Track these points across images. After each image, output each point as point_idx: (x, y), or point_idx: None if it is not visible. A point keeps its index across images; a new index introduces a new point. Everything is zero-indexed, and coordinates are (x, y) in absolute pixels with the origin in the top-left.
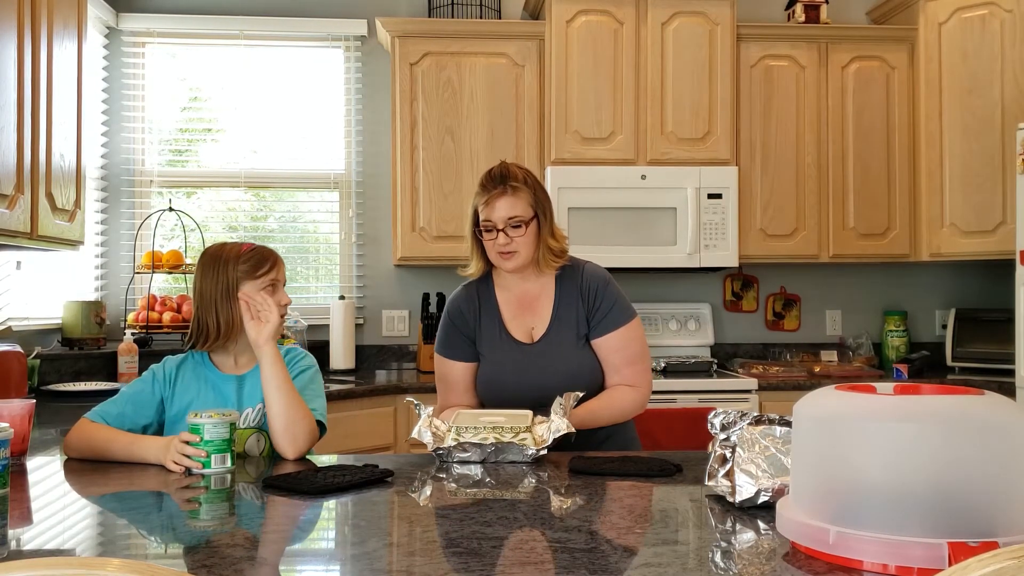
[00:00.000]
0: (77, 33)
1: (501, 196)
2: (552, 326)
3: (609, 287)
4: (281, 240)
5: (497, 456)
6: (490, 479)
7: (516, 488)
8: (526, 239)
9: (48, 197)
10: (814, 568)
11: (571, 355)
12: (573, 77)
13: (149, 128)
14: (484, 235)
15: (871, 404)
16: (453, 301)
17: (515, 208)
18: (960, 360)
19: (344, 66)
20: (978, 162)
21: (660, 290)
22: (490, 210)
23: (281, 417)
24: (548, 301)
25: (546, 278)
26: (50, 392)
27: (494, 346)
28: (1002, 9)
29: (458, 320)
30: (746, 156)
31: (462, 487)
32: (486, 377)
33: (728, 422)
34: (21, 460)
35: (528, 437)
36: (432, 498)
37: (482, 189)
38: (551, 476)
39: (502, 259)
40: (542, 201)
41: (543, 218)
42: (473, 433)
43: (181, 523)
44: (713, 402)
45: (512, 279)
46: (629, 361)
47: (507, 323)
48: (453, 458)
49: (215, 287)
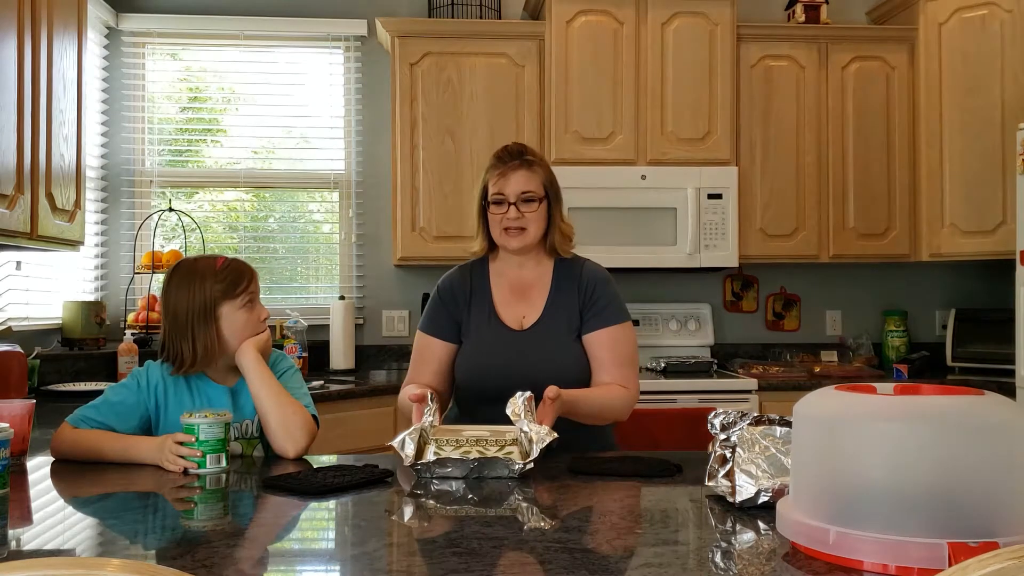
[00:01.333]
0: (77, 33)
1: (518, 169)
2: (544, 316)
3: (609, 285)
4: (281, 240)
5: (480, 472)
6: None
7: (516, 489)
8: (536, 216)
9: (48, 197)
10: (814, 568)
11: (561, 347)
12: (573, 77)
13: (149, 128)
14: (492, 209)
15: (871, 404)
16: (445, 280)
17: (530, 183)
18: (960, 360)
19: (344, 66)
20: (978, 162)
21: (660, 290)
22: (504, 182)
23: (275, 415)
24: (543, 290)
25: (543, 268)
26: (50, 392)
27: (481, 329)
28: (1002, 9)
29: (447, 299)
30: (746, 156)
31: (462, 488)
32: (468, 361)
33: (728, 422)
34: (21, 460)
35: (514, 451)
36: (432, 498)
37: (497, 161)
38: (551, 476)
39: (508, 236)
40: (554, 183)
41: (555, 200)
42: (454, 447)
43: (180, 523)
44: (713, 402)
45: (510, 264)
46: (620, 362)
47: (498, 308)
48: (433, 474)
49: (190, 306)
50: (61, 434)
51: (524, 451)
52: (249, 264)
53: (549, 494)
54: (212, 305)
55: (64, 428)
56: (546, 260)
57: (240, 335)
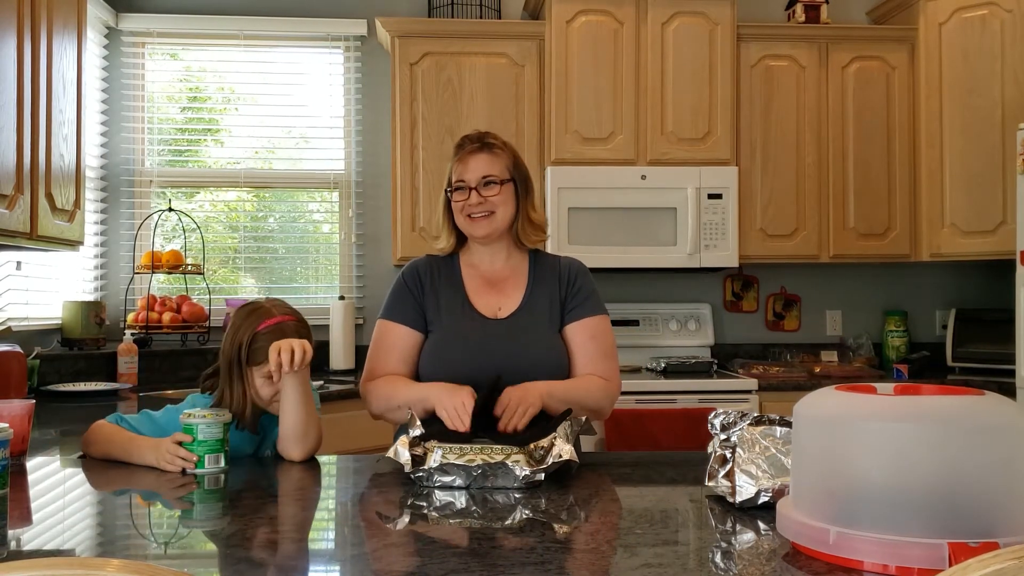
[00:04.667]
0: (77, 33)
1: (477, 152)
2: (524, 306)
3: (588, 276)
4: (281, 240)
5: (484, 481)
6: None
7: (516, 489)
8: (501, 199)
9: (48, 197)
10: (814, 568)
11: (540, 337)
12: (573, 77)
13: (149, 128)
14: (455, 196)
15: (871, 404)
16: (411, 267)
17: (492, 167)
18: (960, 360)
19: (344, 66)
20: (978, 162)
21: (660, 290)
22: (463, 168)
23: (298, 427)
24: (519, 282)
25: (517, 260)
26: (50, 392)
27: (455, 317)
28: (1002, 9)
29: (413, 285)
30: (746, 156)
31: (462, 488)
32: (438, 350)
33: (728, 422)
34: (21, 460)
35: (521, 458)
36: (432, 498)
37: (457, 148)
38: (550, 477)
39: (472, 224)
40: (522, 169)
41: (522, 187)
42: (458, 455)
43: (179, 523)
44: (713, 402)
45: (482, 256)
46: (605, 354)
47: (471, 297)
48: (434, 483)
49: (229, 352)
50: (91, 427)
51: (531, 461)
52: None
53: (549, 494)
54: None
55: (97, 422)
56: (518, 253)
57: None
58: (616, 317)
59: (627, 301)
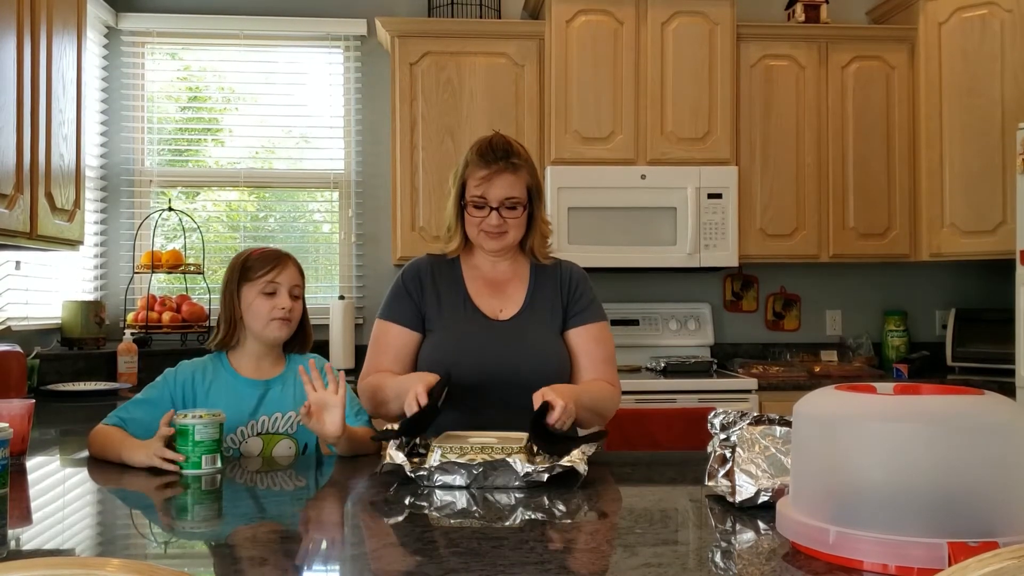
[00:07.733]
0: (77, 33)
1: (502, 173)
2: (525, 308)
3: (588, 282)
4: (281, 240)
5: (485, 479)
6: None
7: (516, 489)
8: (518, 223)
9: (47, 197)
10: (814, 568)
11: (543, 339)
12: (573, 77)
13: (149, 128)
14: (472, 211)
15: (871, 404)
16: (411, 267)
17: (514, 188)
18: (960, 360)
19: (344, 66)
20: (978, 162)
21: (660, 290)
22: (487, 187)
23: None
24: (521, 285)
25: (519, 264)
26: (50, 392)
27: (457, 317)
28: (1002, 9)
29: (412, 285)
30: (746, 156)
31: (463, 487)
32: (439, 351)
33: (728, 422)
34: (21, 460)
35: (520, 455)
36: (432, 498)
37: (480, 159)
38: (552, 479)
39: (487, 238)
40: (536, 178)
41: (537, 199)
42: (459, 454)
43: (178, 523)
44: (713, 402)
45: (485, 260)
46: (608, 359)
47: (473, 298)
48: (435, 482)
49: (224, 287)
50: (92, 431)
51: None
52: (291, 257)
53: (549, 494)
54: (236, 285)
55: (97, 426)
56: (522, 258)
57: (258, 319)
58: (616, 317)
59: (627, 301)
